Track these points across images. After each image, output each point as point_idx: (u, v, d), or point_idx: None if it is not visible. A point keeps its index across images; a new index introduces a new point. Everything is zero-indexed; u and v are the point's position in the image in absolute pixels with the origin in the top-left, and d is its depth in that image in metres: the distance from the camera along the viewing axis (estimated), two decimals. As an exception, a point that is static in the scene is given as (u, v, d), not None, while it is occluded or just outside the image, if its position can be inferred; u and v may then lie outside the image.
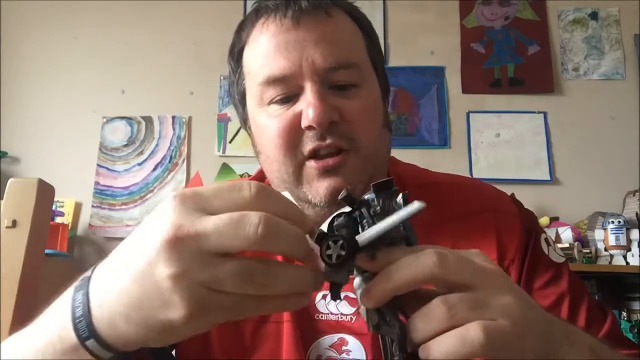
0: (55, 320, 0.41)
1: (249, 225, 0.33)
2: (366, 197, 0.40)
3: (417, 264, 0.37)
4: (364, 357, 0.61)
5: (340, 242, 0.37)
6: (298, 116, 0.60)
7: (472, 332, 0.35)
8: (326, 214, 0.55)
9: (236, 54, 0.69)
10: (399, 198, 0.39)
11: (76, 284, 0.40)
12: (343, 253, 0.37)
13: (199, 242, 0.33)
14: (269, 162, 0.64)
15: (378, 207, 0.39)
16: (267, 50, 0.62)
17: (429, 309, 0.37)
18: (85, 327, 0.38)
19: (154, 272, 0.34)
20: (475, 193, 0.71)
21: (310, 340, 0.63)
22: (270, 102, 0.63)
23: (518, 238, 0.66)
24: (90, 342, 0.38)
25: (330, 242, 0.37)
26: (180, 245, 0.33)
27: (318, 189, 0.60)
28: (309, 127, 0.59)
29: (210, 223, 0.34)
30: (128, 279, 0.36)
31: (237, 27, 0.70)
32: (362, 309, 0.41)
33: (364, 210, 0.40)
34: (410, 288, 0.38)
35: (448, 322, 0.36)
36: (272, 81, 0.61)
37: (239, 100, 0.70)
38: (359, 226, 0.40)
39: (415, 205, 0.37)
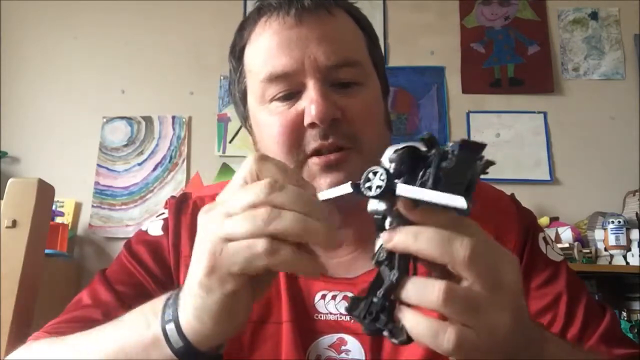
0: (140, 315, 0.47)
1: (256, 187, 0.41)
2: (449, 147, 0.37)
3: (449, 247, 0.37)
4: (363, 357, 0.61)
5: (381, 172, 0.37)
6: (301, 114, 0.61)
7: (448, 334, 0.36)
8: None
9: (237, 52, 0.69)
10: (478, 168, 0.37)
11: (164, 299, 0.46)
12: (382, 184, 0.37)
13: (223, 206, 0.42)
14: None
15: (448, 166, 0.36)
16: (269, 48, 0.62)
17: (429, 286, 0.37)
18: (170, 314, 0.44)
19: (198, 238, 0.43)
20: (474, 193, 0.72)
21: (309, 340, 0.63)
22: (272, 100, 0.63)
23: (516, 237, 0.66)
24: (170, 326, 0.43)
25: (370, 174, 0.38)
26: (211, 209, 0.43)
27: (321, 185, 0.60)
28: (312, 125, 0.60)
29: (232, 196, 0.42)
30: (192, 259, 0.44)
31: (239, 25, 0.70)
32: (380, 240, 0.40)
33: (434, 160, 0.37)
34: (429, 259, 0.38)
35: (435, 308, 0.36)
36: (275, 78, 0.61)
37: (240, 98, 0.70)
38: (416, 171, 0.38)
39: (459, 202, 0.35)
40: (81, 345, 0.51)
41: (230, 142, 2.48)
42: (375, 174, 0.38)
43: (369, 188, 0.38)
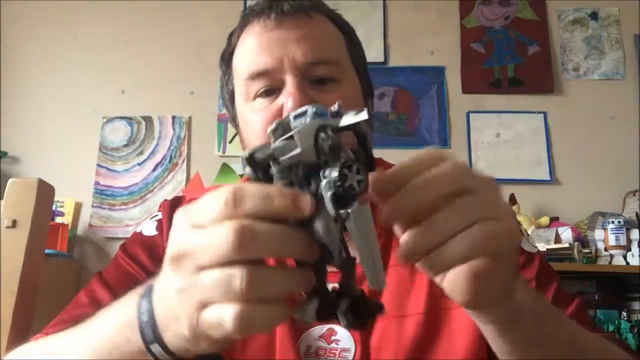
0: (122, 324, 0.44)
1: (224, 240, 0.34)
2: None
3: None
4: (353, 346, 0.63)
5: (355, 166, 0.34)
6: (280, 109, 0.64)
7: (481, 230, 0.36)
8: None
9: (227, 57, 0.74)
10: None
11: (141, 291, 0.43)
12: (362, 177, 0.34)
13: (194, 258, 0.35)
14: None
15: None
16: (251, 48, 0.67)
17: (438, 217, 0.36)
18: (150, 332, 0.41)
19: (169, 287, 0.38)
20: None
21: (300, 331, 0.64)
22: (256, 96, 0.66)
23: None
24: (155, 347, 0.41)
25: (344, 171, 0.34)
26: (180, 261, 0.36)
27: None
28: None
29: (201, 238, 0.35)
30: (161, 293, 0.40)
31: (229, 34, 0.75)
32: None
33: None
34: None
35: (458, 227, 0.36)
36: (256, 75, 0.65)
37: (229, 99, 0.74)
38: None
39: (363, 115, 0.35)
40: (60, 343, 0.51)
41: (230, 142, 2.48)
42: (345, 177, 0.34)
43: (351, 187, 0.35)
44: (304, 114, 0.38)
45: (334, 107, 0.37)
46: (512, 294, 0.41)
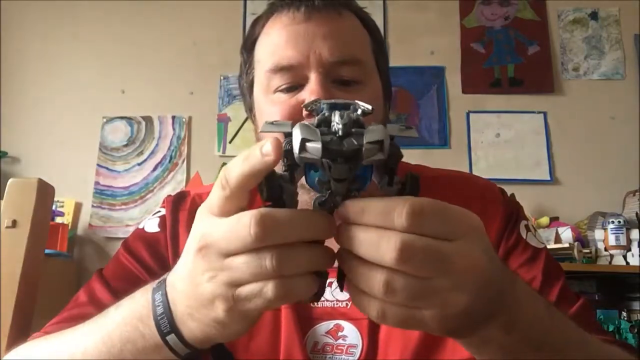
0: (134, 318, 0.45)
1: (247, 232, 0.36)
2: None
3: (378, 250, 0.35)
4: (360, 342, 0.62)
5: (347, 112, 0.36)
6: (300, 104, 0.62)
7: (391, 315, 0.36)
8: None
9: (249, 45, 0.72)
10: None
11: (153, 285, 0.45)
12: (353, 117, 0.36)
13: (216, 248, 0.38)
14: None
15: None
16: (277, 40, 0.66)
17: (372, 271, 0.36)
18: (167, 324, 0.42)
19: (197, 278, 0.39)
20: (466, 183, 0.74)
21: (307, 327, 0.63)
22: (276, 90, 0.65)
23: (499, 223, 0.68)
24: (171, 337, 0.43)
25: (337, 113, 0.36)
26: (207, 251, 0.38)
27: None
28: (310, 115, 0.61)
29: (224, 225, 0.37)
30: (186, 287, 0.41)
31: (253, 21, 0.73)
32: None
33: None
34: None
35: (379, 297, 0.36)
36: (280, 69, 0.64)
37: (247, 88, 0.72)
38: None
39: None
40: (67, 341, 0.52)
41: (230, 142, 2.48)
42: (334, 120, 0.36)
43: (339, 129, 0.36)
44: (347, 107, 0.38)
45: (365, 109, 0.38)
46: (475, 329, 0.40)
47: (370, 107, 0.38)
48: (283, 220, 0.36)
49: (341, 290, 0.41)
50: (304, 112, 0.61)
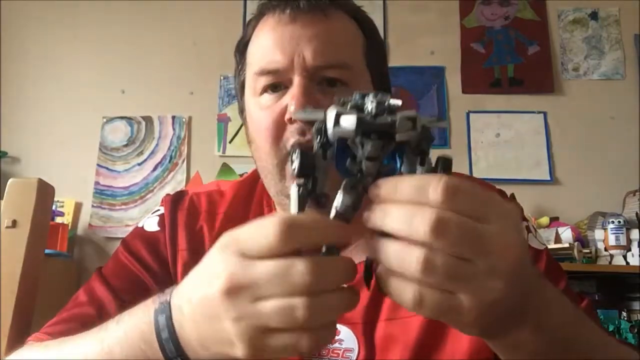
0: (136, 339, 0.45)
1: (297, 274, 0.35)
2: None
3: (410, 224, 0.35)
4: (356, 346, 0.62)
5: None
6: (284, 109, 0.62)
7: (427, 299, 0.35)
8: None
9: (241, 47, 0.72)
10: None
11: (155, 306, 0.44)
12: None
13: (251, 291, 0.36)
14: (259, 152, 0.66)
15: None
16: (264, 43, 0.65)
17: (407, 254, 0.35)
18: (173, 349, 0.42)
19: (218, 316, 0.38)
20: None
21: None
22: (263, 91, 0.65)
23: None
24: None
25: (370, 94, 0.38)
26: (236, 294, 0.36)
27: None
28: (291, 120, 0.61)
29: (258, 272, 0.36)
30: (199, 319, 0.40)
31: (246, 23, 0.73)
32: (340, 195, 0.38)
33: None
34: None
35: (416, 278, 0.35)
36: (266, 72, 0.64)
37: (239, 90, 0.73)
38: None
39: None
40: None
41: (230, 142, 2.48)
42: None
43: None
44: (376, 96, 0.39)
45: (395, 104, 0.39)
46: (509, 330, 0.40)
47: (399, 102, 0.38)
48: (332, 268, 0.36)
49: (368, 289, 0.40)
50: (286, 117, 0.61)
